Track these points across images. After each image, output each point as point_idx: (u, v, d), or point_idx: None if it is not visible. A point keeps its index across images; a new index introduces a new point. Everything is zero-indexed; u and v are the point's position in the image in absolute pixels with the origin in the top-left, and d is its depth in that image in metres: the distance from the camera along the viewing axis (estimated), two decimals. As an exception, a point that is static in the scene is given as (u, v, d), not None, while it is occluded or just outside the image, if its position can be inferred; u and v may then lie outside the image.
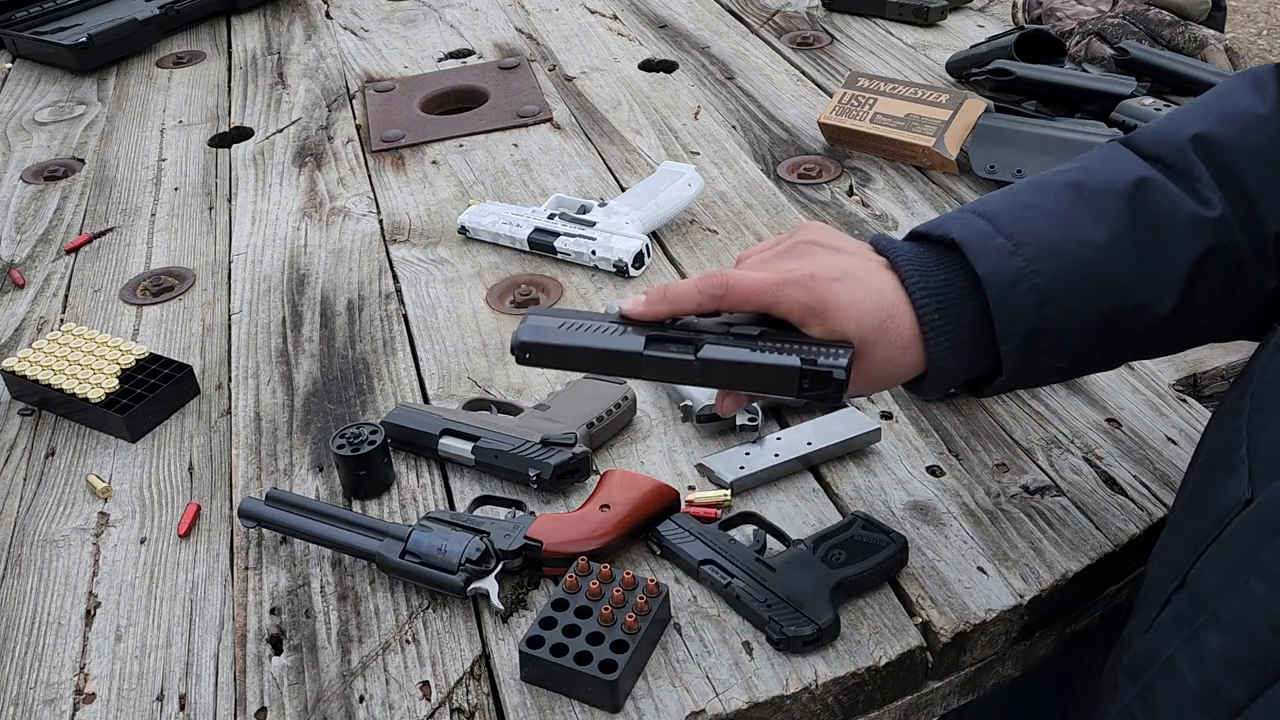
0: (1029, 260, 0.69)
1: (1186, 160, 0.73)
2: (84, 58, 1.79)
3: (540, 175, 1.41)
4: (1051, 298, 0.69)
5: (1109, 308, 0.71)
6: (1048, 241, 0.70)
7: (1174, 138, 0.74)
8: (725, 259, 1.21)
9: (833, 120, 1.37)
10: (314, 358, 1.12)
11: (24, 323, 1.23)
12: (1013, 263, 0.69)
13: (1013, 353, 0.70)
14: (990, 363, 0.72)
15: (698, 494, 0.91)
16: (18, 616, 0.88)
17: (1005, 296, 0.69)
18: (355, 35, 1.86)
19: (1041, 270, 0.69)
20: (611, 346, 0.71)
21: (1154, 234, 0.71)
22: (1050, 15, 1.58)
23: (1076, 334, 0.71)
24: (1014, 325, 0.69)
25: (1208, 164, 0.72)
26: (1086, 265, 0.70)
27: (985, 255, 0.70)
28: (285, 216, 1.37)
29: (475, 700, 0.77)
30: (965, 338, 0.71)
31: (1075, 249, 0.70)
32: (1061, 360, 0.73)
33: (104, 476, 1.00)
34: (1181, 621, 0.64)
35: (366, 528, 0.87)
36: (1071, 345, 0.72)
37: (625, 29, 1.80)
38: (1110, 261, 0.70)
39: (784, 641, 0.77)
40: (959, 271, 0.71)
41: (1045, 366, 0.73)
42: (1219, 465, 0.67)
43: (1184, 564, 0.65)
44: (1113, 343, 0.73)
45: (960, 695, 0.83)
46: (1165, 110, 1.30)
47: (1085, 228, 0.71)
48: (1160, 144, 0.75)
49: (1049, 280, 0.69)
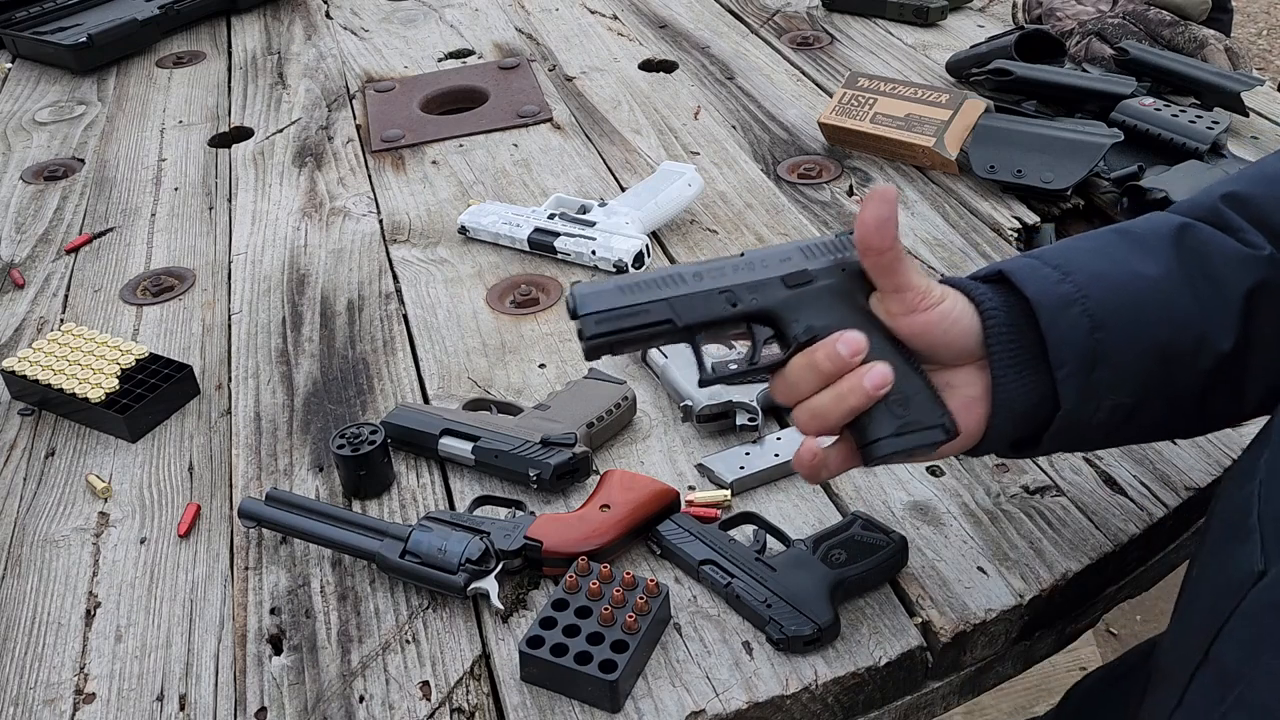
0: (1078, 286, 0.69)
1: (1222, 215, 0.73)
2: (84, 58, 1.79)
3: (540, 175, 1.41)
4: (1104, 323, 0.68)
5: (1165, 339, 0.69)
6: (1096, 271, 0.70)
7: (1206, 199, 0.74)
8: (725, 259, 1.21)
9: (833, 120, 1.37)
10: (314, 358, 1.12)
11: (24, 323, 1.23)
12: (1062, 288, 0.69)
13: (1069, 380, 0.69)
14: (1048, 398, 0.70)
15: (698, 494, 0.91)
16: (18, 616, 0.88)
17: (1057, 319, 0.68)
18: (355, 35, 1.86)
19: (1092, 295, 0.69)
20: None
21: (1203, 270, 0.70)
22: (1050, 15, 1.58)
23: (1134, 366, 0.70)
24: (1068, 349, 0.68)
25: (1244, 216, 0.72)
26: (1138, 295, 0.69)
27: (1033, 281, 0.70)
28: (285, 216, 1.37)
29: (475, 700, 0.77)
30: (1024, 358, 0.70)
31: (1124, 279, 0.70)
32: (1121, 395, 0.70)
33: (104, 476, 1.00)
34: (1211, 703, 0.62)
35: (366, 528, 0.87)
36: (1130, 381, 0.70)
37: (625, 29, 1.80)
38: (1162, 294, 0.69)
39: (784, 641, 0.77)
40: (1012, 299, 0.70)
41: (1105, 405, 0.70)
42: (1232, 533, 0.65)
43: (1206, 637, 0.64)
44: (1176, 383, 0.71)
45: (960, 695, 0.83)
46: (1165, 110, 1.30)
47: (1133, 262, 0.71)
48: (1194, 207, 0.75)
49: (1099, 305, 0.68)
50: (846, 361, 0.67)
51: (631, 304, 0.70)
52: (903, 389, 0.68)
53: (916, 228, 1.23)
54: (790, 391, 0.70)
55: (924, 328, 0.69)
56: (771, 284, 0.71)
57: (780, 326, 0.71)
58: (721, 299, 0.71)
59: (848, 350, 0.67)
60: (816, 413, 0.69)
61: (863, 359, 0.68)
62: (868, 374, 0.67)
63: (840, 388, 0.68)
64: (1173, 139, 1.27)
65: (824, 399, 0.68)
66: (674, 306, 0.70)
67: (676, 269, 0.72)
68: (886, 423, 0.68)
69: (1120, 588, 0.89)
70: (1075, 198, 1.27)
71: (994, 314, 0.70)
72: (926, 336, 0.70)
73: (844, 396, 0.68)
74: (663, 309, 0.70)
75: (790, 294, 0.71)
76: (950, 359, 0.71)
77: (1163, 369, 0.70)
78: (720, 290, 0.71)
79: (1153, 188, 1.19)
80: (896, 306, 0.69)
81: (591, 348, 0.70)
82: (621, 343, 0.71)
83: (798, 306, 0.71)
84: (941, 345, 0.70)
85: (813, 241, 0.73)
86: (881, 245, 0.67)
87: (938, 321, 0.69)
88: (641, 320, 0.70)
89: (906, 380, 0.69)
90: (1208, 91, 1.37)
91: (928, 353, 0.71)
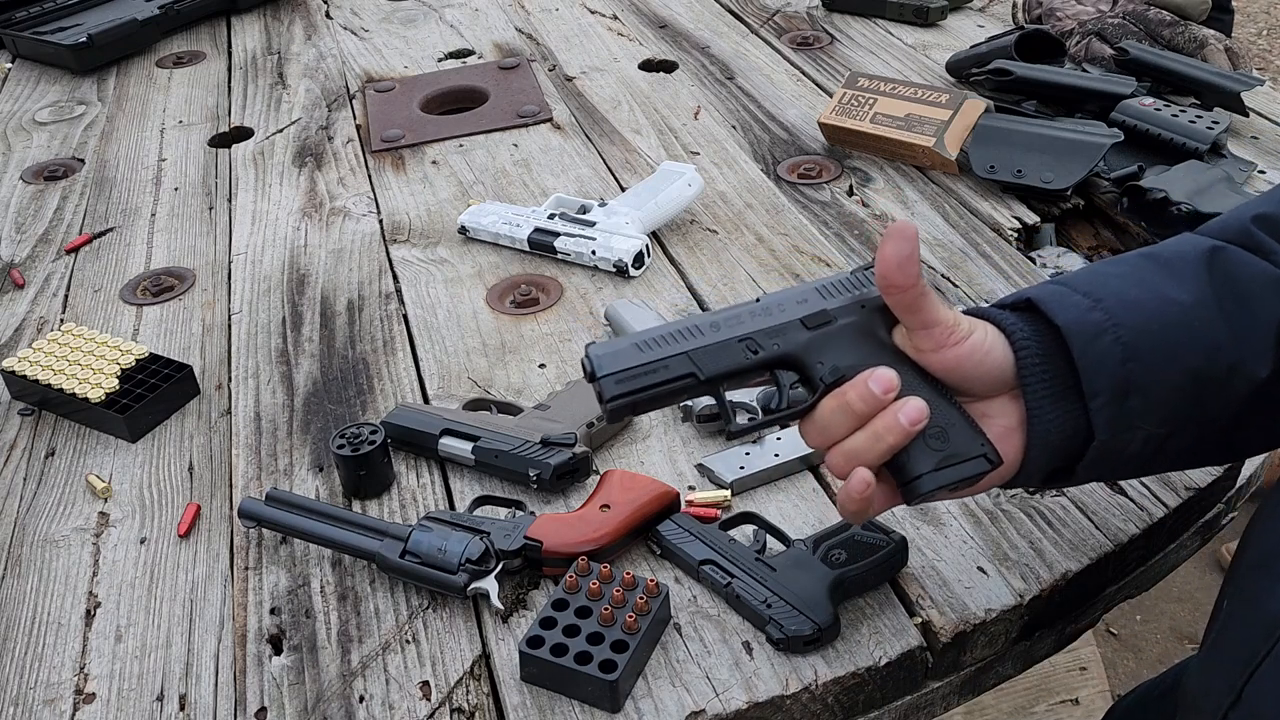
0: (1109, 314, 0.67)
1: (1253, 237, 0.71)
2: (84, 58, 1.79)
3: (540, 175, 1.41)
4: (1137, 353, 0.67)
5: (1198, 366, 0.67)
6: (1127, 298, 0.68)
7: (1235, 222, 0.73)
8: (725, 259, 1.21)
9: (833, 120, 1.37)
10: (314, 358, 1.12)
11: (24, 323, 1.23)
12: (1093, 316, 0.67)
13: (1102, 410, 0.67)
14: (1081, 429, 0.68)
15: (698, 494, 0.91)
16: (18, 616, 0.88)
17: (1089, 349, 0.67)
18: (355, 35, 1.86)
19: (1123, 323, 0.67)
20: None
21: (1235, 295, 0.69)
22: (1050, 15, 1.58)
23: (1167, 395, 0.68)
24: (1100, 379, 0.67)
25: (1276, 238, 0.71)
26: (1170, 322, 0.68)
27: (1064, 309, 0.68)
28: (285, 216, 1.37)
29: (475, 700, 0.77)
30: (1058, 388, 0.68)
31: (1156, 306, 0.68)
32: (1154, 424, 0.69)
33: (104, 476, 1.00)
34: None
35: (366, 528, 0.87)
36: (1164, 409, 0.68)
37: (625, 29, 1.80)
38: (1194, 321, 0.68)
39: (784, 641, 0.77)
40: (1042, 327, 0.69)
41: (1139, 434, 0.69)
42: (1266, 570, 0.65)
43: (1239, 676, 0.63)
44: (1209, 410, 0.69)
45: (960, 695, 0.83)
46: (1165, 110, 1.30)
47: (1165, 288, 0.69)
48: (1224, 229, 0.73)
49: (1132, 333, 0.67)
50: (879, 400, 0.66)
51: (650, 361, 0.69)
52: (939, 422, 0.67)
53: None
54: (822, 435, 0.68)
55: (955, 362, 0.68)
56: (791, 327, 0.70)
57: (805, 370, 0.70)
58: (742, 347, 0.69)
59: (880, 388, 0.66)
60: (852, 455, 0.67)
61: (895, 395, 0.66)
62: (902, 410, 0.65)
63: (875, 427, 0.66)
64: (1173, 139, 1.27)
65: (859, 440, 0.66)
66: (694, 360, 0.69)
67: (691, 320, 0.70)
68: (926, 458, 0.67)
69: (1120, 588, 0.89)
70: (1075, 198, 1.27)
71: (1026, 344, 0.68)
72: (959, 371, 0.68)
73: (880, 436, 0.66)
74: (683, 363, 0.69)
75: (812, 335, 0.70)
76: (983, 391, 0.69)
77: (1196, 397, 0.68)
78: (740, 339, 0.70)
79: (1153, 188, 1.19)
80: (925, 343, 0.68)
81: (614, 410, 0.69)
82: (644, 402, 0.69)
83: (821, 348, 0.69)
84: (975, 379, 0.68)
85: (829, 280, 0.72)
86: (904, 283, 0.66)
87: (969, 355, 0.68)
88: (663, 377, 0.68)
89: (942, 413, 0.67)
90: (1208, 91, 1.37)
91: (960, 386, 0.69)
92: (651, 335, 0.70)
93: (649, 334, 0.70)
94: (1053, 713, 1.58)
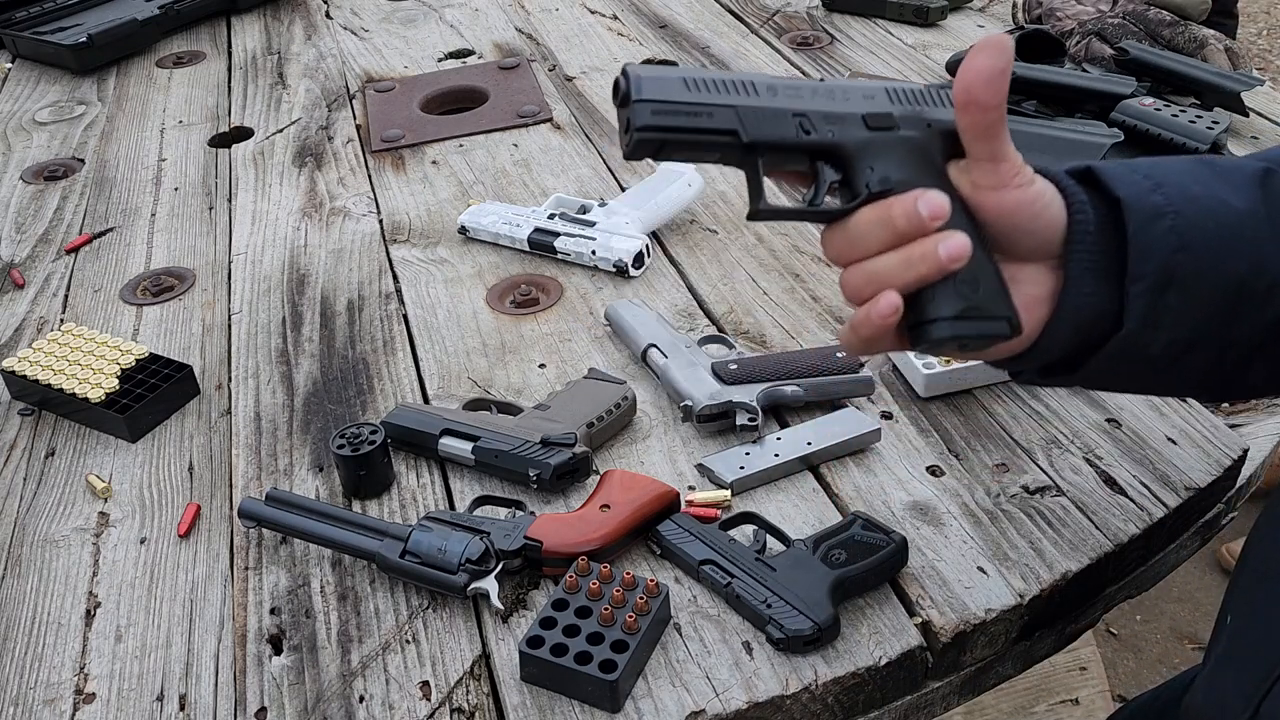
0: (1170, 200, 0.64)
1: None
2: (84, 58, 1.79)
3: (540, 175, 1.41)
4: (1189, 244, 0.63)
5: (1243, 275, 0.64)
6: (1187, 191, 0.65)
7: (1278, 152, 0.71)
8: (725, 259, 1.21)
9: (833, 120, 1.37)
10: (314, 358, 1.12)
11: (24, 323, 1.23)
12: (1154, 198, 0.64)
13: (1141, 296, 0.63)
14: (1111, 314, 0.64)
15: (698, 494, 0.91)
16: (18, 616, 0.88)
17: (1144, 230, 0.63)
18: (355, 35, 1.86)
19: (1182, 212, 0.63)
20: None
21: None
22: (1050, 15, 1.58)
23: (1206, 296, 0.64)
24: (1148, 263, 0.63)
25: None
26: (1225, 224, 0.64)
27: (1126, 184, 0.64)
28: (285, 216, 1.37)
29: (475, 700, 0.77)
30: (1101, 264, 0.64)
31: (1213, 205, 0.65)
32: (1184, 328, 0.65)
33: (104, 476, 1.00)
34: None
35: (366, 528, 0.87)
36: (1198, 312, 0.65)
37: (625, 29, 1.80)
38: (1246, 229, 0.65)
39: (784, 641, 0.77)
40: (1099, 202, 0.65)
41: (1163, 335, 0.65)
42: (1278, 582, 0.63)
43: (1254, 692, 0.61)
44: (1236, 329, 0.66)
45: (960, 695, 0.83)
46: (1165, 110, 1.30)
47: (1221, 191, 0.66)
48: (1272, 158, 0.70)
49: (1188, 225, 0.63)
50: (924, 224, 0.59)
51: (696, 102, 0.60)
52: (974, 270, 0.61)
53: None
54: (849, 247, 0.62)
55: (1014, 207, 0.62)
56: (851, 120, 0.63)
57: (851, 172, 0.63)
58: (795, 122, 0.62)
59: (928, 211, 0.59)
60: (874, 276, 0.61)
61: (940, 226, 0.60)
62: (944, 241, 0.59)
63: (910, 252, 0.60)
64: (1173, 139, 1.27)
65: (889, 261, 0.60)
66: (742, 117, 0.61)
67: (748, 76, 0.62)
68: (951, 302, 0.61)
69: (1120, 588, 0.89)
70: (1075, 198, 1.26)
71: (1083, 210, 0.63)
72: (1013, 218, 0.63)
73: (913, 263, 0.60)
74: (729, 116, 0.61)
75: (870, 136, 0.63)
76: (1024, 252, 0.64)
77: (1231, 308, 0.65)
78: (795, 113, 0.62)
79: (1153, 188, 1.19)
80: (987, 179, 0.62)
81: (639, 142, 0.60)
82: (674, 144, 0.61)
83: (875, 152, 0.63)
84: (1025, 232, 0.64)
85: (899, 85, 0.65)
86: (990, 101, 0.59)
87: (1028, 204, 0.62)
88: (703, 124, 0.61)
89: (979, 263, 0.61)
90: (1208, 91, 1.37)
91: (1005, 239, 0.64)
92: (703, 76, 0.62)
93: (700, 73, 0.62)
94: (1053, 713, 1.58)
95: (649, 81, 0.60)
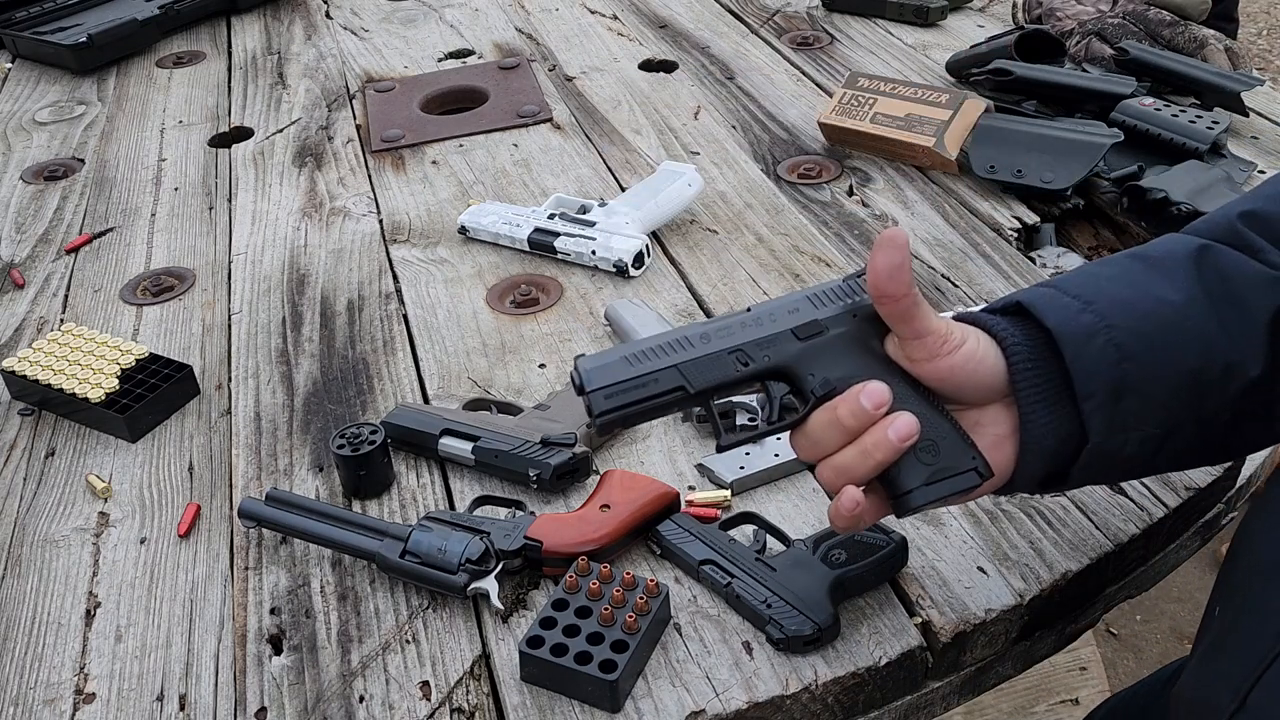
0: (1101, 316, 0.67)
1: (1240, 235, 0.71)
2: (84, 58, 1.79)
3: (540, 175, 1.41)
4: (1131, 353, 0.66)
5: (1193, 367, 0.67)
6: (1118, 299, 0.68)
7: (1223, 220, 0.72)
8: (725, 259, 1.21)
9: (833, 120, 1.37)
10: (314, 358, 1.12)
11: (24, 323, 1.23)
12: (1084, 318, 0.67)
13: (1096, 412, 0.66)
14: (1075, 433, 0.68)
15: (698, 494, 0.91)
16: (18, 616, 0.88)
17: (1082, 351, 0.66)
18: (355, 35, 1.86)
19: (1116, 325, 0.66)
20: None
21: (1226, 293, 0.68)
22: (1050, 15, 1.58)
23: (1162, 395, 0.67)
24: (1094, 381, 0.66)
25: (1264, 236, 0.70)
26: (1163, 322, 0.67)
27: (1054, 311, 0.67)
28: (285, 216, 1.37)
29: (475, 700, 0.77)
30: (1051, 392, 0.67)
31: (1149, 306, 0.68)
32: (1150, 426, 0.68)
33: (104, 476, 1.00)
34: None
35: (366, 528, 0.87)
36: (1160, 410, 0.67)
37: (625, 29, 1.80)
38: (1187, 320, 0.67)
39: (784, 641, 0.77)
40: (1033, 331, 0.68)
41: (1134, 436, 0.68)
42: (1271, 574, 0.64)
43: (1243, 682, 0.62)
44: (1205, 410, 0.68)
45: (960, 695, 0.83)
46: (1165, 110, 1.30)
47: (1155, 288, 0.68)
48: (1211, 228, 0.73)
49: (1125, 334, 0.66)
50: (870, 414, 0.65)
51: (640, 374, 0.68)
52: (930, 435, 0.66)
53: (916, 228, 1.23)
54: (813, 449, 0.68)
55: (948, 372, 0.67)
56: (782, 338, 0.69)
57: (796, 381, 0.69)
58: (732, 359, 0.69)
59: (871, 403, 0.65)
60: (842, 470, 0.66)
61: (886, 410, 0.65)
62: (892, 426, 0.65)
63: (865, 443, 0.65)
64: (1173, 139, 1.27)
65: (849, 455, 0.66)
66: (684, 373, 0.68)
67: (681, 332, 0.70)
68: (917, 473, 0.66)
69: (1120, 588, 0.89)
70: (1075, 198, 1.27)
71: (1017, 349, 0.67)
72: (952, 380, 0.67)
73: (869, 452, 0.65)
74: (673, 376, 0.68)
75: (803, 346, 0.69)
76: (976, 399, 0.69)
77: (1191, 397, 0.68)
78: (730, 350, 0.69)
79: (1153, 188, 1.19)
80: (918, 353, 0.67)
81: (603, 424, 0.68)
82: (634, 415, 0.69)
83: (812, 359, 0.69)
84: (968, 387, 0.68)
85: (820, 288, 0.71)
86: (896, 292, 0.65)
87: (962, 364, 0.67)
88: (652, 391, 0.68)
89: (933, 426, 0.67)
90: (1208, 91, 1.37)
91: (954, 395, 0.68)
92: (641, 348, 0.69)
93: (638, 346, 0.69)
94: (1053, 713, 1.58)
95: (595, 372, 0.68)
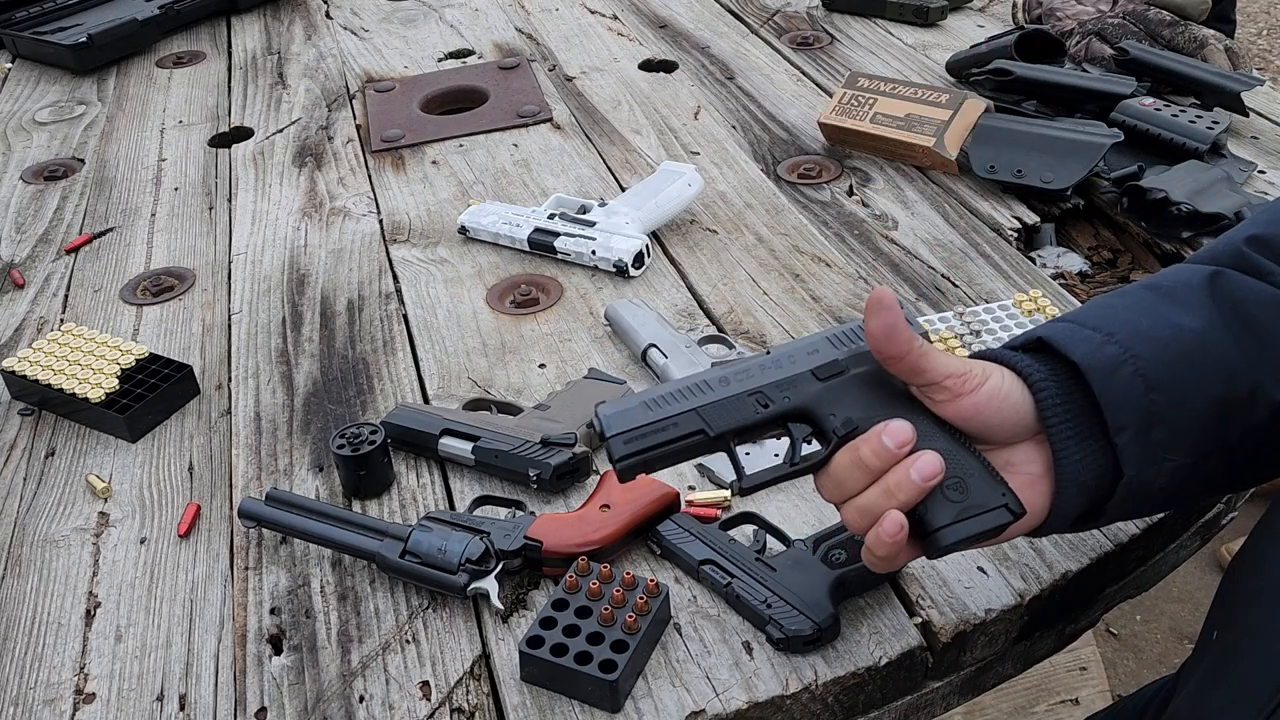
0: (1125, 347, 0.66)
1: (1248, 259, 0.70)
2: (84, 58, 1.79)
3: (540, 175, 1.41)
4: (1157, 383, 0.65)
5: (1220, 393, 0.66)
6: (1139, 330, 0.67)
7: (1229, 246, 0.72)
8: (725, 259, 1.21)
9: (833, 120, 1.37)
10: (314, 358, 1.12)
11: (24, 323, 1.23)
12: (1108, 350, 0.66)
13: (1130, 444, 0.65)
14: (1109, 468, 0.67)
15: (698, 494, 0.91)
16: (18, 616, 0.88)
17: (1110, 384, 0.65)
18: (355, 35, 1.86)
19: (1140, 355, 0.66)
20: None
21: (1242, 319, 0.68)
22: (1050, 15, 1.58)
23: (1191, 423, 0.66)
24: (1124, 413, 0.65)
25: (1272, 259, 0.70)
26: (1185, 350, 0.66)
27: (1078, 345, 0.66)
28: (285, 216, 1.37)
29: (475, 700, 0.77)
30: (1082, 427, 0.66)
31: (1169, 335, 0.67)
32: (1180, 455, 0.67)
33: (104, 476, 1.00)
34: None
35: (366, 528, 0.87)
36: (1188, 438, 0.67)
37: (625, 29, 1.80)
38: (1209, 346, 0.67)
39: (784, 641, 0.77)
40: (1058, 366, 0.67)
41: (1165, 467, 0.67)
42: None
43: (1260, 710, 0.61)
44: (1231, 437, 0.68)
45: (960, 695, 0.83)
46: (1165, 110, 1.30)
47: (1173, 316, 0.68)
48: (1218, 255, 0.72)
49: (1150, 364, 0.66)
50: (894, 454, 0.64)
51: (659, 419, 0.68)
52: (957, 473, 0.65)
53: (916, 228, 1.23)
54: (837, 490, 0.67)
55: (973, 411, 0.66)
56: (802, 379, 0.69)
57: (817, 423, 0.68)
58: (752, 401, 0.68)
59: (894, 442, 0.64)
60: (865, 510, 0.65)
61: (910, 449, 0.64)
62: (915, 466, 0.63)
63: (888, 482, 0.64)
64: (1173, 139, 1.27)
65: (873, 495, 0.65)
66: (704, 416, 0.68)
67: (701, 376, 0.69)
68: (946, 511, 0.65)
69: (1120, 588, 0.89)
70: (1075, 198, 1.27)
71: (1044, 385, 0.66)
72: (978, 419, 0.66)
73: (893, 492, 0.64)
74: (692, 420, 0.68)
75: (823, 387, 0.68)
76: (1004, 437, 0.68)
77: (1219, 424, 0.67)
78: (750, 393, 0.68)
79: (1153, 188, 1.19)
80: (939, 395, 0.66)
81: (624, 469, 0.68)
82: (655, 460, 0.68)
83: (833, 399, 0.68)
84: (995, 425, 0.67)
85: (839, 330, 0.70)
86: (898, 352, 0.64)
87: (986, 402, 0.66)
88: (672, 435, 0.68)
89: (960, 463, 0.66)
90: (1208, 91, 1.37)
91: (981, 434, 0.67)
92: (661, 393, 0.69)
93: (658, 391, 0.69)
94: (1053, 713, 1.58)
95: (614, 418, 0.68)
